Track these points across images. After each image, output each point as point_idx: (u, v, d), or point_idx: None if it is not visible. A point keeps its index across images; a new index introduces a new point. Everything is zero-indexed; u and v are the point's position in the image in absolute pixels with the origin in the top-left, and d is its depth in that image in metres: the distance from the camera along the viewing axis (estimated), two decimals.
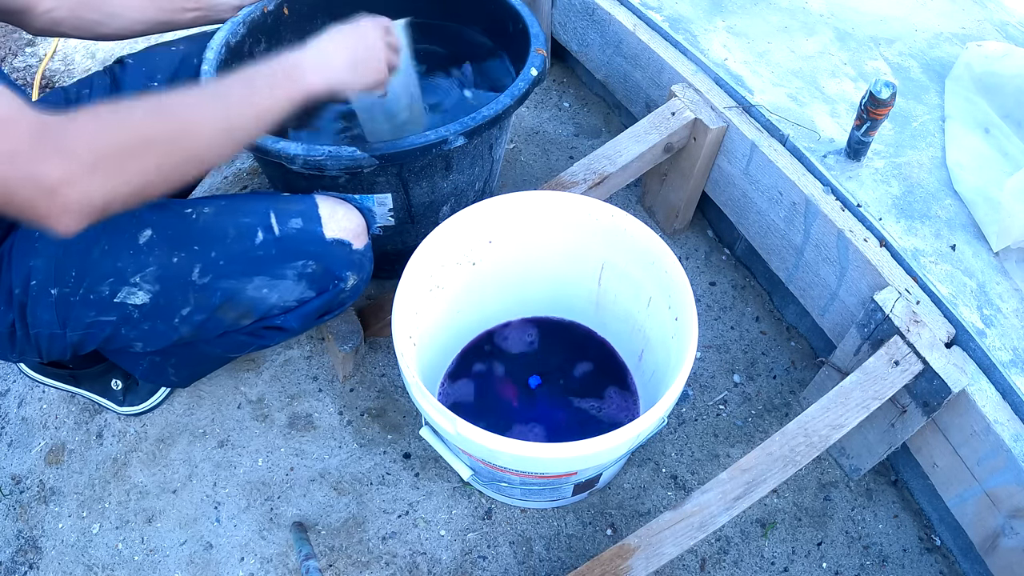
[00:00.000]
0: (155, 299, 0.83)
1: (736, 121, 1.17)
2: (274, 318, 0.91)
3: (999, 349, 0.91)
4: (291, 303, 0.90)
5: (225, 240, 0.85)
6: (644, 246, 0.99)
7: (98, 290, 0.81)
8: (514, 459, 0.80)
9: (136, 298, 0.83)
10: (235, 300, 0.86)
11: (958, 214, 1.05)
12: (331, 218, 0.89)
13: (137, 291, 0.82)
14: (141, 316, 0.84)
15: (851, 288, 1.05)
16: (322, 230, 0.88)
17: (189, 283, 0.83)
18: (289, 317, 0.91)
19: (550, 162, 1.58)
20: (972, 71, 1.20)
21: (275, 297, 0.88)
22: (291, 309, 0.91)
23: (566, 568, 1.06)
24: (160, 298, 0.83)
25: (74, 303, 0.82)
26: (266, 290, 0.87)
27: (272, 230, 0.86)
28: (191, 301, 0.85)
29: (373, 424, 1.20)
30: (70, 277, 0.81)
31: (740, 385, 1.25)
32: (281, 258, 0.86)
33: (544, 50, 1.09)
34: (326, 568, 1.06)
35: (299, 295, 0.90)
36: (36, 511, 1.13)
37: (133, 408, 1.19)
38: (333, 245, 0.89)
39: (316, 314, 0.93)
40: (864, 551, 1.09)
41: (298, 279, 0.88)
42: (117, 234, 0.82)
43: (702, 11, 1.35)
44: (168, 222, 0.84)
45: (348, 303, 0.97)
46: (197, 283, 0.84)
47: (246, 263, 0.85)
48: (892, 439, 1.02)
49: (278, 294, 0.88)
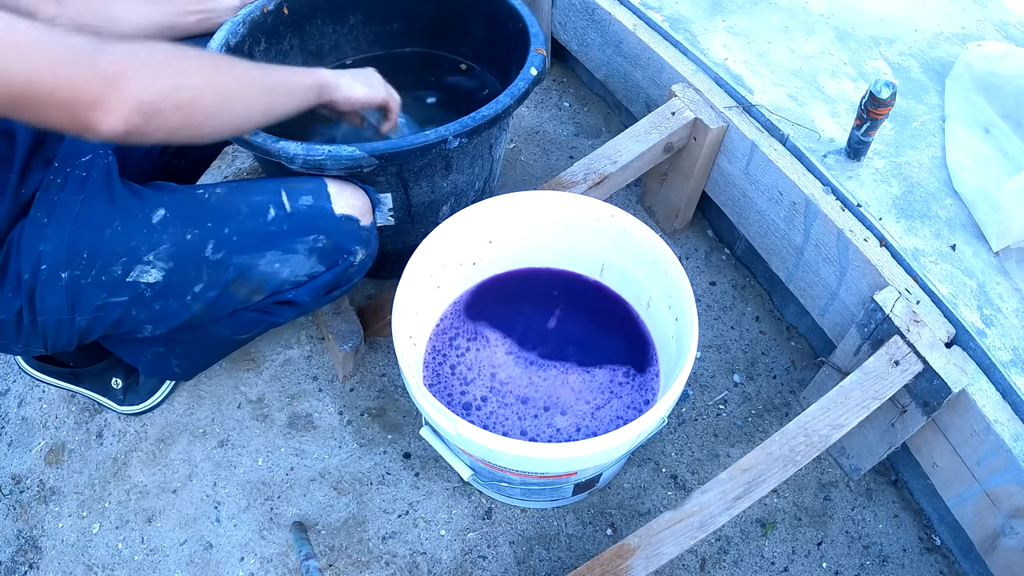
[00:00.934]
0: (168, 276, 0.85)
1: (736, 121, 1.17)
2: (285, 292, 0.94)
3: (999, 349, 0.91)
4: (302, 278, 0.93)
5: (238, 216, 0.88)
6: (644, 246, 0.99)
7: (111, 270, 0.83)
8: (514, 459, 0.80)
9: (149, 276, 0.84)
10: (248, 275, 0.89)
11: (958, 214, 1.05)
12: (339, 196, 0.93)
13: (151, 269, 0.84)
14: (153, 295, 0.86)
15: (851, 288, 1.05)
16: (331, 206, 0.92)
17: (202, 259, 0.86)
18: (300, 291, 0.94)
19: (550, 162, 1.58)
20: (972, 71, 1.20)
21: (287, 272, 0.91)
22: (302, 284, 0.94)
23: (566, 568, 1.06)
24: (173, 275, 0.85)
25: (85, 285, 0.82)
26: (278, 264, 0.90)
27: (283, 206, 0.89)
28: (204, 277, 0.87)
29: (373, 424, 1.20)
30: (81, 259, 0.82)
31: (740, 385, 1.25)
32: (293, 233, 0.90)
33: (544, 50, 1.09)
34: (326, 568, 1.06)
35: (310, 269, 0.93)
36: (36, 511, 1.13)
37: (133, 407, 1.19)
38: (342, 221, 0.93)
39: (326, 289, 0.97)
40: (864, 551, 1.09)
41: (309, 253, 0.92)
42: (130, 215, 0.84)
43: (702, 11, 1.35)
44: (181, 201, 0.87)
45: (356, 279, 1.01)
46: (210, 259, 0.86)
47: (258, 238, 0.88)
48: (892, 439, 1.02)
49: (289, 268, 0.91)
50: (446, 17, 1.32)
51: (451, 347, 1.07)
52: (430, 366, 1.05)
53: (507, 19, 1.19)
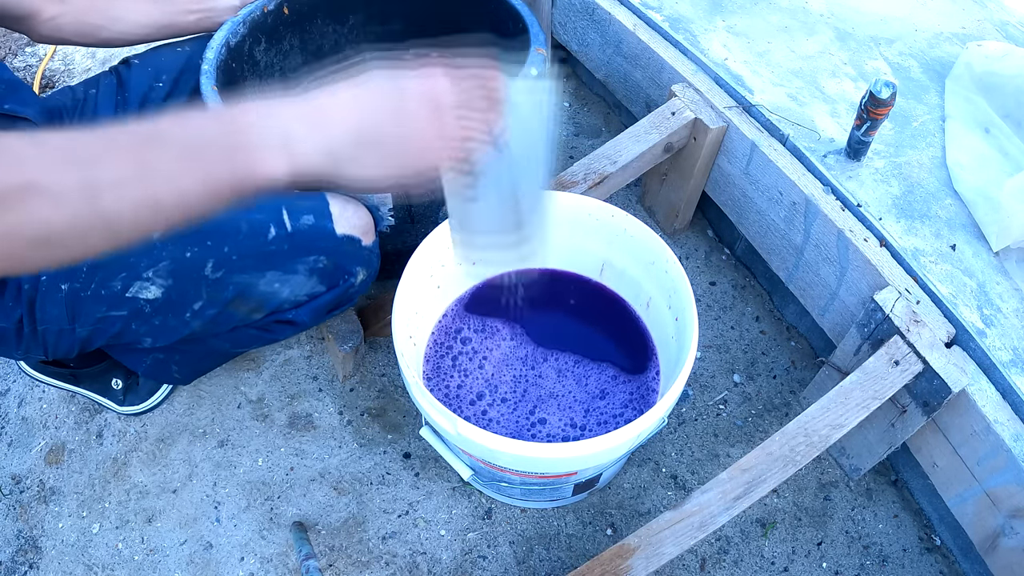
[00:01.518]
0: (167, 293, 0.84)
1: (736, 121, 1.17)
2: (285, 312, 0.93)
3: (999, 349, 0.91)
4: (302, 298, 0.92)
5: (238, 236, 0.86)
6: (644, 246, 0.99)
7: (110, 285, 0.82)
8: (514, 459, 0.80)
9: (148, 292, 0.84)
10: (247, 294, 0.88)
11: (958, 214, 1.05)
12: (342, 215, 0.91)
13: (150, 286, 0.83)
14: (152, 311, 0.85)
15: (851, 288, 1.05)
16: (333, 226, 0.90)
17: (202, 277, 0.85)
18: (300, 312, 0.93)
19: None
20: (972, 71, 1.20)
21: (287, 292, 0.90)
22: (302, 304, 0.93)
23: (566, 568, 1.06)
24: (172, 292, 0.85)
25: (85, 298, 0.82)
26: (278, 284, 0.89)
27: (284, 226, 0.88)
28: (203, 295, 0.86)
29: (373, 424, 1.20)
30: (81, 272, 0.81)
31: (740, 385, 1.25)
32: (293, 253, 0.88)
33: (544, 50, 1.09)
34: (326, 568, 1.06)
35: (310, 289, 0.92)
36: (36, 511, 1.13)
37: (133, 408, 1.19)
38: (344, 241, 0.91)
39: (326, 308, 0.95)
40: (864, 551, 1.09)
41: (309, 274, 0.90)
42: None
43: (702, 11, 1.35)
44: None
45: (356, 298, 0.99)
46: (210, 278, 0.85)
47: (259, 258, 0.87)
48: (892, 439, 1.02)
49: (290, 288, 0.90)
50: (447, 17, 1.31)
51: (451, 347, 1.07)
52: (430, 365, 1.05)
53: (507, 19, 1.19)
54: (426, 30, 1.34)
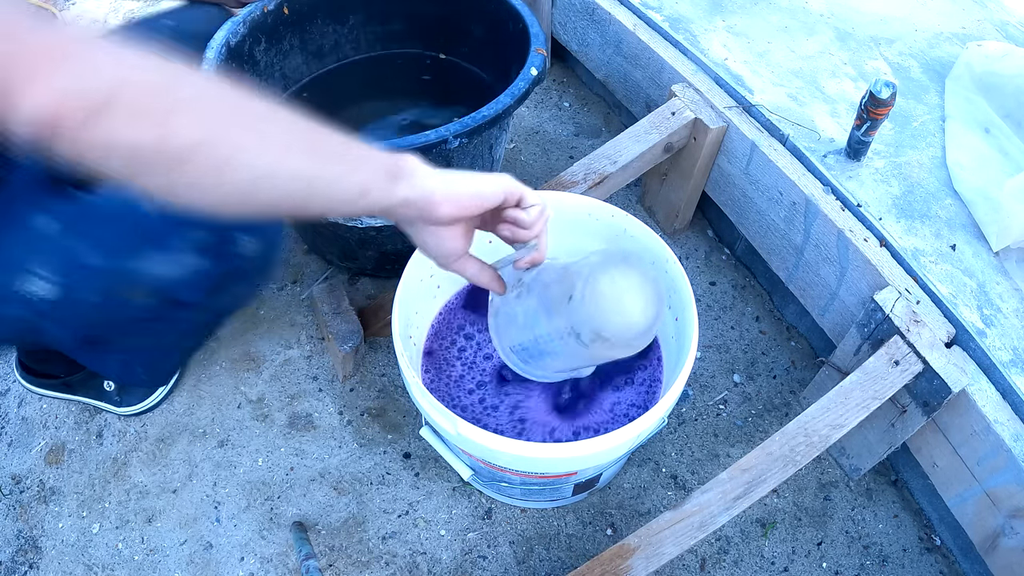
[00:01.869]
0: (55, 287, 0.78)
1: (736, 121, 1.17)
2: (178, 293, 0.85)
3: (999, 349, 0.91)
4: (189, 276, 0.84)
5: (115, 218, 0.79)
6: (644, 246, 0.99)
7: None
8: (514, 459, 0.80)
9: (35, 286, 0.78)
10: (133, 279, 0.81)
11: (958, 214, 1.05)
12: None
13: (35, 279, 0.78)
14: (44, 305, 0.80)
15: (851, 288, 1.05)
16: None
17: (86, 267, 0.79)
18: (192, 291, 0.85)
19: (550, 162, 1.58)
20: (972, 71, 1.20)
21: (170, 270, 0.82)
22: (192, 282, 0.85)
23: (566, 568, 1.06)
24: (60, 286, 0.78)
25: None
26: (162, 265, 0.81)
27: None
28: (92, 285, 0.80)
29: (373, 424, 1.20)
30: None
31: (740, 385, 1.25)
32: (170, 230, 0.80)
33: (544, 50, 1.09)
34: (326, 568, 1.06)
35: (195, 266, 0.83)
36: (36, 511, 1.13)
37: (131, 408, 1.19)
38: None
39: (219, 284, 0.87)
40: (864, 551, 1.09)
41: (188, 249, 0.82)
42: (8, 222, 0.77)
43: (702, 11, 1.35)
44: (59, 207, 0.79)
45: (265, 270, 0.91)
46: (94, 266, 0.79)
47: (138, 239, 0.80)
48: (892, 439, 1.02)
49: (171, 267, 0.82)
50: (447, 17, 1.32)
51: (451, 346, 1.07)
52: (430, 365, 1.05)
53: (507, 19, 1.19)
54: (426, 30, 1.35)
